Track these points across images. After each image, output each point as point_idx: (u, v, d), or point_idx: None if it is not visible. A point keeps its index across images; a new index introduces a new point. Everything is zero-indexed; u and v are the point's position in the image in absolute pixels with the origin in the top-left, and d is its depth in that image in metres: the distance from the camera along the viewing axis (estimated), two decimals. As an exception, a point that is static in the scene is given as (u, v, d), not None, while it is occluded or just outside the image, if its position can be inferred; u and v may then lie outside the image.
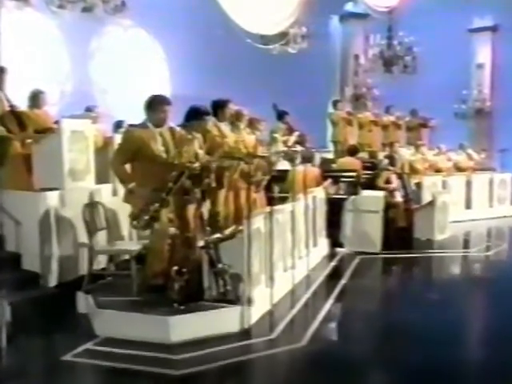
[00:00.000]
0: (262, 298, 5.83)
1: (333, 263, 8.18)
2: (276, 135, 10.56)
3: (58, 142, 6.72)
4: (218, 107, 7.25)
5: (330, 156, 12.89)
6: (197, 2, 13.19)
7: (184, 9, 13.64)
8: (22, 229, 6.50)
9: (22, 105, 7.90)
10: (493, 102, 18.02)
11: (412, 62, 14.76)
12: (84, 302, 5.74)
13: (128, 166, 5.99)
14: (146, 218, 5.64)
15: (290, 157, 10.31)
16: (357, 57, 16.40)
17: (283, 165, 10.33)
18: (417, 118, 15.05)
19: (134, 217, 5.75)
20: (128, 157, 5.87)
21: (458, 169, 14.03)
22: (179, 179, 5.75)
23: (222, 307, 5.41)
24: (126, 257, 6.26)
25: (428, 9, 15.42)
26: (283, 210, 6.78)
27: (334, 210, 9.11)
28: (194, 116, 6.62)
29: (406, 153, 12.90)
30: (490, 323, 5.94)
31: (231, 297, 5.55)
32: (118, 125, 9.32)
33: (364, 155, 12.89)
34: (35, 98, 8.23)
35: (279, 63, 13.82)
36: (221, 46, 13.51)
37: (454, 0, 15.62)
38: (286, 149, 11.04)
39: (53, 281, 6.46)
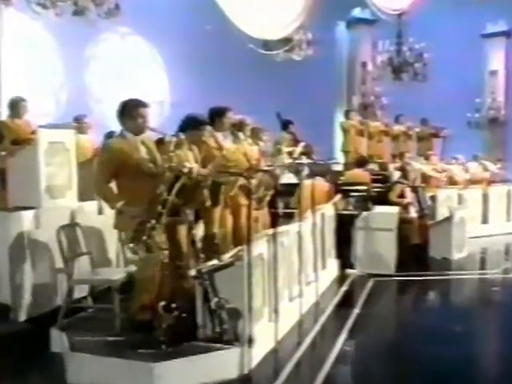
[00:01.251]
0: (264, 335, 4.97)
1: (344, 288, 7.30)
2: (280, 146, 9.72)
3: (33, 155, 5.87)
4: (216, 115, 6.41)
5: (339, 168, 12.03)
6: (196, 7, 12.48)
7: (183, 14, 12.91)
8: (-9, 253, 5.64)
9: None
10: (507, 111, 17.08)
11: (422, 69, 13.86)
12: (58, 341, 4.88)
13: (113, 185, 5.17)
14: (144, 238, 4.79)
15: (295, 169, 9.48)
16: (364, 64, 15.54)
17: (289, 178, 9.56)
18: (428, 128, 14.16)
19: (130, 239, 4.90)
20: (111, 173, 5.04)
21: (473, 181, 13.13)
22: (173, 188, 4.92)
23: (218, 349, 4.56)
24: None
25: (439, 13, 14.58)
26: (288, 232, 5.91)
27: (343, 226, 8.25)
28: (190, 126, 5.81)
29: (419, 164, 11.99)
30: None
31: (229, 336, 4.67)
32: (109, 135, 8.45)
33: (373, 167, 12.04)
34: (15, 107, 7.44)
35: (283, 71, 13.06)
36: (222, 53, 12.81)
37: (466, 4, 14.72)
38: (291, 161, 10.28)
39: (24, 314, 5.58)
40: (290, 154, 10.82)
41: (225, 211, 6.53)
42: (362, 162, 10.51)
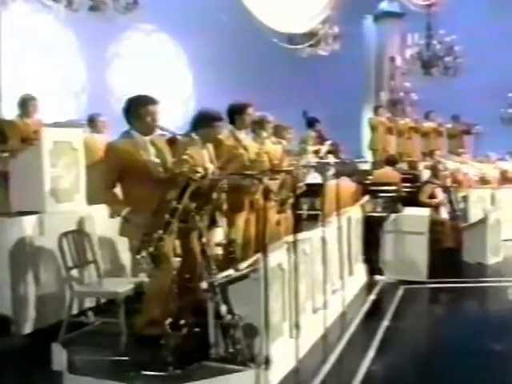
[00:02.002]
0: (284, 354, 4.46)
1: (372, 296, 6.73)
2: (305, 145, 9.17)
3: (37, 156, 5.42)
4: (236, 113, 5.90)
5: (367, 167, 11.44)
6: (221, 2, 12.00)
7: (206, 9, 12.41)
8: (-8, 261, 5.20)
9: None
10: (543, 105, 16.25)
11: (453, 63, 13.17)
12: (59, 358, 4.42)
13: (118, 189, 4.70)
14: (151, 249, 4.30)
15: (321, 169, 8.94)
16: (393, 59, 14.90)
17: (314, 178, 9.05)
18: (459, 124, 13.47)
19: (136, 251, 4.42)
20: (115, 178, 4.57)
21: (507, 180, 12.42)
22: (184, 195, 4.42)
23: (232, 371, 4.06)
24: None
25: (470, 3, 13.87)
26: (311, 238, 5.37)
27: (371, 229, 7.69)
28: (202, 122, 5.30)
29: (451, 162, 11.35)
30: None
31: (243, 356, 4.16)
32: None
33: (402, 166, 11.43)
34: (24, 105, 7.02)
35: (309, 66, 12.55)
36: (247, 50, 12.39)
37: (498, -6, 14.02)
38: (317, 160, 9.75)
39: (27, 327, 5.13)
40: (316, 152, 10.30)
41: (250, 215, 6.02)
42: (390, 161, 9.91)
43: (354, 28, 13.77)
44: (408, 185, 9.83)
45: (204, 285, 4.30)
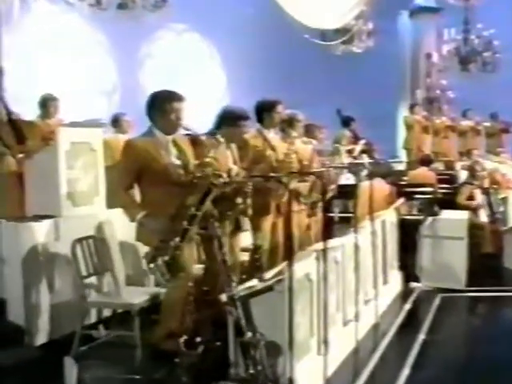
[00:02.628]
0: (311, 372, 4.05)
1: (407, 305, 6.26)
2: (338, 145, 8.75)
3: (53, 157, 5.09)
4: (264, 110, 5.51)
5: (401, 167, 10.95)
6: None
7: (238, 8, 12.05)
8: (5, 268, 4.89)
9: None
10: None
11: (492, 58, 12.56)
12: (71, 372, 4.07)
13: (135, 191, 4.36)
14: (166, 258, 3.96)
15: (354, 170, 8.51)
16: (429, 55, 14.33)
17: (348, 179, 8.64)
18: (498, 123, 12.90)
19: (149, 259, 4.07)
20: (132, 178, 4.24)
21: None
22: (205, 201, 4.05)
23: (253, 393, 3.64)
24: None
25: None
26: (343, 246, 4.94)
27: (407, 233, 7.21)
28: (227, 121, 4.93)
29: (489, 162, 10.78)
30: None
31: (266, 377, 3.75)
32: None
33: (439, 165, 10.91)
34: (45, 106, 6.73)
35: (343, 64, 12.11)
36: (280, 48, 12.04)
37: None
38: (350, 160, 9.32)
39: (41, 337, 4.81)
40: (350, 152, 9.92)
41: (277, 220, 5.63)
42: (425, 161, 9.43)
43: (388, 24, 13.30)
44: (445, 186, 9.33)
45: (224, 297, 3.91)
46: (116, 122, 7.60)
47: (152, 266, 4.01)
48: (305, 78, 12.16)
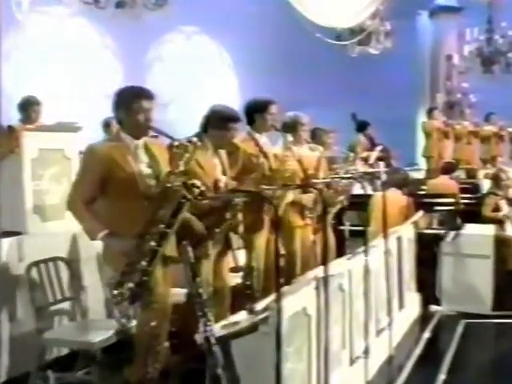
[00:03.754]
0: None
1: (426, 334, 5.45)
2: (348, 153, 7.99)
3: (17, 166, 4.39)
4: (255, 112, 4.78)
5: (420, 175, 10.15)
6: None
7: (248, 9, 11.39)
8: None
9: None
10: None
11: (517, 59, 11.69)
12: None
13: (99, 205, 3.64)
14: (131, 285, 3.28)
15: (368, 178, 7.74)
16: (450, 57, 13.50)
17: (363, 188, 7.93)
18: (523, 128, 11.98)
19: (113, 286, 3.38)
20: (94, 190, 3.54)
21: None
22: (176, 217, 3.36)
23: None
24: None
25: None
26: (350, 271, 4.17)
27: (426, 250, 6.42)
28: (214, 123, 4.20)
29: None
30: None
31: None
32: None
33: (460, 174, 10.07)
34: (25, 109, 6.04)
35: (359, 66, 11.35)
36: (293, 50, 11.41)
37: None
38: (365, 168, 8.58)
39: (1, 374, 4.10)
40: (365, 159, 9.07)
41: (272, 236, 4.90)
42: (447, 169, 8.60)
43: (407, 25, 12.54)
44: (467, 196, 8.50)
45: (199, 338, 3.17)
46: (107, 127, 6.90)
47: (116, 294, 3.32)
48: (318, 80, 11.48)
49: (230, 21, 11.01)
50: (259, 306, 3.42)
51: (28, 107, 6.06)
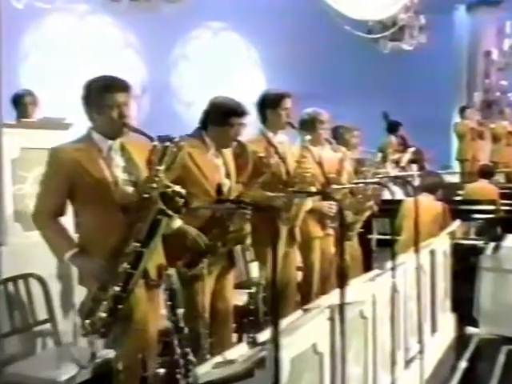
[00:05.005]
0: None
1: (463, 363, 4.72)
2: (379, 154, 7.37)
3: (-5, 168, 3.83)
4: (267, 107, 4.15)
5: (455, 179, 9.44)
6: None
7: (277, 5, 10.77)
8: None
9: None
10: None
11: (561, 53, 10.88)
12: None
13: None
14: (103, 315, 2.70)
15: (402, 182, 7.07)
16: (488, 53, 12.74)
17: (393, 193, 7.23)
18: None
19: (83, 314, 2.81)
20: (60, 200, 2.95)
21: None
22: (154, 234, 2.76)
23: None
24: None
25: None
26: (374, 296, 3.50)
27: (462, 262, 5.69)
28: (216, 119, 3.58)
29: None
30: None
31: None
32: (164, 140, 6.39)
33: (499, 178, 9.32)
34: (18, 104, 5.52)
35: (390, 61, 10.78)
36: (323, 46, 10.78)
37: None
38: (397, 171, 7.96)
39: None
40: (397, 162, 8.70)
41: (290, 249, 4.30)
42: (486, 172, 7.86)
43: (443, 19, 11.83)
44: (508, 202, 7.74)
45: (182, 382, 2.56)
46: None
47: (87, 324, 2.73)
48: (348, 77, 10.89)
49: (258, 16, 10.49)
50: (263, 336, 2.79)
51: (20, 101, 5.53)
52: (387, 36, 10.09)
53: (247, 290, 4.27)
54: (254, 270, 4.26)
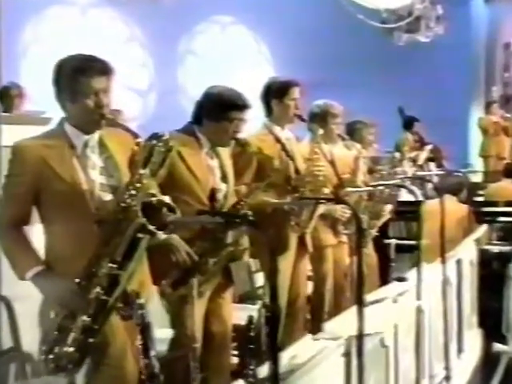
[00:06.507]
0: None
1: (494, 386, 4.15)
2: (396, 153, 6.83)
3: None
4: (272, 97, 3.60)
5: (477, 179, 8.88)
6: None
7: None
8: None
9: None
10: None
11: None
12: None
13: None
14: (70, 350, 2.17)
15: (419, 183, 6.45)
16: (508, 45, 12.18)
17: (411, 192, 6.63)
18: None
19: (44, 349, 2.27)
20: (23, 207, 2.41)
21: None
22: (133, 254, 2.20)
23: None
24: None
25: None
26: (396, 326, 2.93)
27: (486, 270, 5.11)
28: (211, 112, 3.02)
29: None
30: None
31: None
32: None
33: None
34: (5, 98, 5.04)
35: (405, 55, 10.18)
36: (335, 41, 10.27)
37: None
38: (414, 170, 7.42)
39: None
40: (414, 160, 8.05)
41: (301, 258, 3.76)
42: (511, 171, 7.28)
43: (460, 10, 11.15)
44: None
45: None
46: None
47: (50, 359, 2.21)
48: (361, 72, 10.33)
49: (268, 9, 10.03)
50: (263, 370, 2.24)
51: (4, 94, 5.07)
52: (402, 27, 9.55)
53: (250, 306, 3.75)
54: (260, 279, 3.76)
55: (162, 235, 2.32)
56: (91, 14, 9.13)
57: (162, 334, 3.07)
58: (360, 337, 2.38)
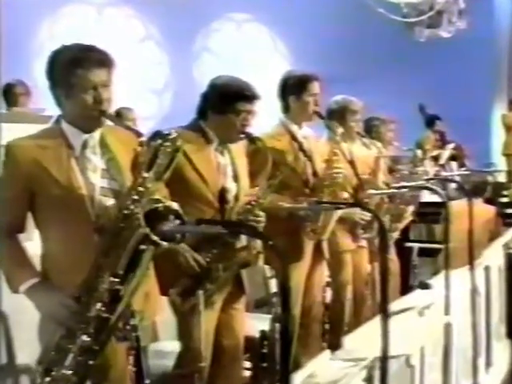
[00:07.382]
0: None
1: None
2: (418, 151, 6.57)
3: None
4: (290, 93, 3.34)
5: (501, 178, 8.61)
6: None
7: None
8: None
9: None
10: None
11: None
12: None
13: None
14: (68, 373, 1.95)
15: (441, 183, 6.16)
16: (531, 40, 11.86)
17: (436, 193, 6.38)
18: None
19: (40, 372, 2.04)
20: (18, 212, 2.21)
21: None
22: (137, 267, 1.94)
23: None
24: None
25: None
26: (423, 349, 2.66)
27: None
28: (218, 105, 2.75)
29: None
30: None
31: None
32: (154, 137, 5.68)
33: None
34: (8, 95, 4.88)
35: (427, 52, 9.95)
36: (353, 36, 10.10)
37: None
38: (436, 170, 7.18)
39: None
40: (436, 159, 7.94)
41: (317, 266, 3.50)
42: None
43: (483, 4, 10.81)
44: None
45: None
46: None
47: (47, 381, 1.99)
48: (380, 70, 10.08)
49: (284, 6, 9.85)
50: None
51: (9, 91, 4.90)
52: (424, 22, 9.26)
53: (264, 315, 3.50)
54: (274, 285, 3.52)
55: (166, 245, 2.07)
56: (107, 13, 9.08)
57: (173, 346, 2.88)
58: (384, 359, 2.12)
